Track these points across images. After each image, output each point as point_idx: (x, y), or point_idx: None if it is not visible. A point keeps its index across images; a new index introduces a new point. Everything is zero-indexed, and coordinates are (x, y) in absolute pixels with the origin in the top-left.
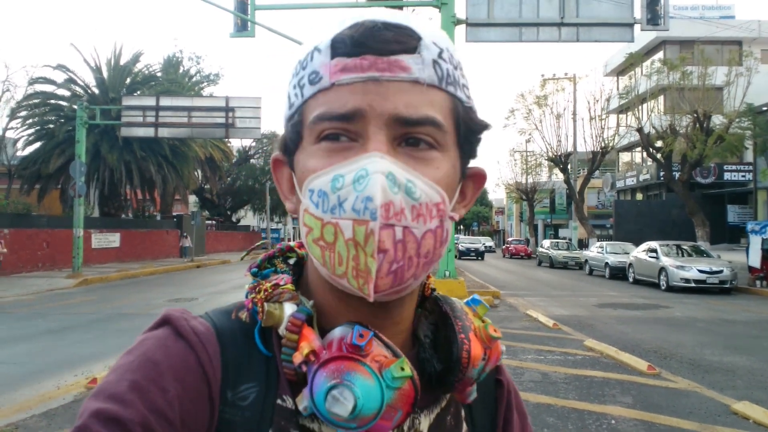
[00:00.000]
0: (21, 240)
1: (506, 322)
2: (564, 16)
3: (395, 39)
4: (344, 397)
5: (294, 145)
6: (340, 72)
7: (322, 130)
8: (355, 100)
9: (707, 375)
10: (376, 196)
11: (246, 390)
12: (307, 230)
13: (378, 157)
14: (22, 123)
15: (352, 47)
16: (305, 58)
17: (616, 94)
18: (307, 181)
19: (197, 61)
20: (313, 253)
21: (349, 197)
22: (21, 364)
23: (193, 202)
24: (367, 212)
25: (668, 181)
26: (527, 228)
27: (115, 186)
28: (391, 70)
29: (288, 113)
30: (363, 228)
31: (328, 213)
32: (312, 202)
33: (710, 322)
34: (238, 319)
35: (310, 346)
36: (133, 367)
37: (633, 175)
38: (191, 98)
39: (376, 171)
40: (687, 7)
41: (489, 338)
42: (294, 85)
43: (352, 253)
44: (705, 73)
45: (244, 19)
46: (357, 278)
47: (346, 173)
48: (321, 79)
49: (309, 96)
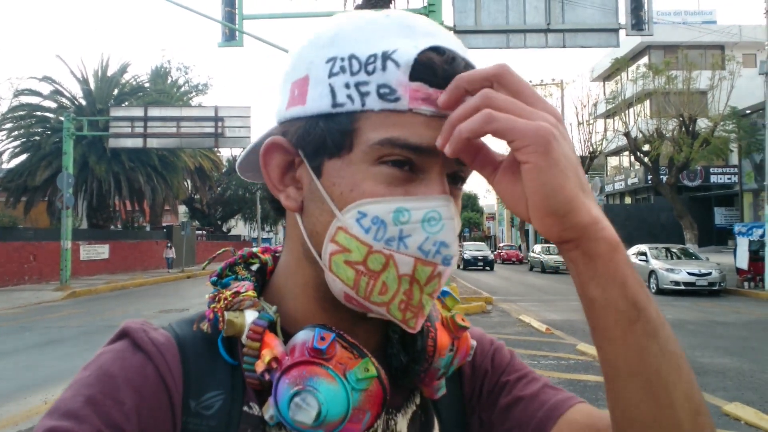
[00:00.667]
0: (7, 253)
1: (499, 327)
2: (550, 22)
3: None
4: (307, 404)
5: (335, 149)
6: (422, 101)
7: (389, 153)
8: (430, 134)
9: (698, 377)
10: (453, 245)
11: (210, 399)
12: (338, 249)
13: (446, 200)
14: (8, 135)
15: (439, 78)
16: (370, 60)
17: (603, 99)
18: (359, 203)
19: (185, 71)
20: (342, 273)
21: (414, 235)
22: (7, 378)
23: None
24: (439, 256)
25: (656, 184)
26: (518, 233)
27: (104, 197)
28: None
29: (329, 110)
30: (429, 269)
31: (382, 243)
32: (359, 224)
33: (700, 324)
34: (200, 330)
35: (272, 353)
36: (89, 382)
37: (621, 179)
38: (180, 108)
39: (450, 217)
40: (670, 12)
41: (456, 327)
42: (347, 84)
43: (404, 288)
44: (689, 77)
45: (231, 29)
46: (404, 311)
47: (411, 209)
48: (397, 99)
49: (376, 109)
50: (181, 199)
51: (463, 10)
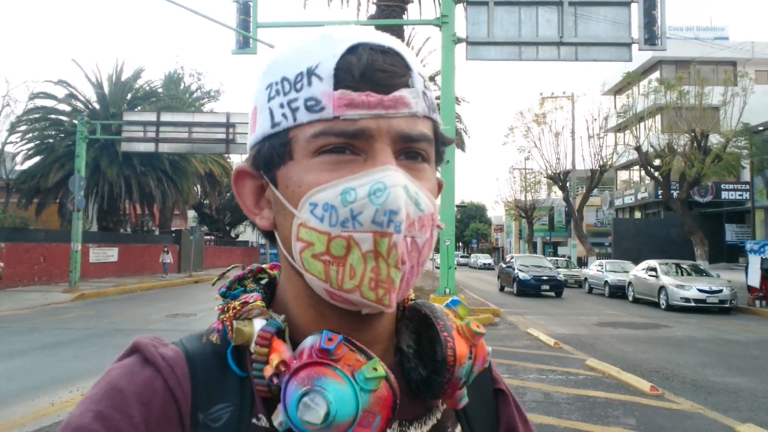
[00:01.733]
0: (18, 254)
1: (507, 340)
2: (563, 35)
3: (394, 72)
4: (316, 403)
5: (280, 160)
6: (346, 107)
7: (324, 144)
8: (362, 123)
9: (710, 396)
10: (401, 209)
11: (219, 411)
12: (303, 245)
13: (393, 170)
14: (22, 137)
15: (358, 81)
16: (297, 79)
17: (613, 113)
18: (307, 195)
19: (198, 77)
20: (312, 268)
21: (365, 210)
22: (15, 379)
23: (192, 217)
24: (392, 225)
25: (666, 199)
26: (526, 245)
27: (114, 200)
28: (396, 107)
29: (270, 131)
30: (386, 240)
31: (338, 227)
32: (314, 215)
33: (711, 342)
34: (209, 342)
35: (281, 357)
36: (98, 398)
37: (631, 194)
38: (192, 114)
39: (395, 184)
40: (682, 28)
41: (473, 334)
42: (281, 104)
43: (370, 265)
44: (701, 93)
45: (246, 37)
46: (376, 289)
47: (357, 186)
48: (323, 109)
49: (305, 122)
50: (191, 204)
51: (476, 21)
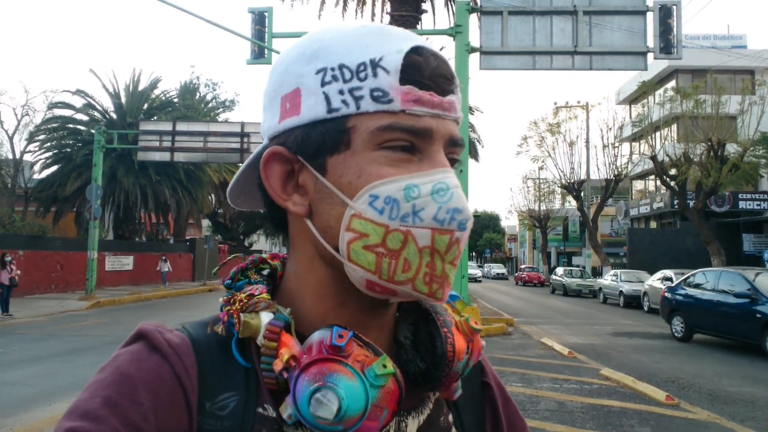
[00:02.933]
0: (35, 261)
1: (520, 350)
2: (577, 44)
3: (450, 78)
4: (328, 399)
5: (334, 147)
6: (413, 102)
7: (390, 138)
8: (425, 123)
9: (727, 406)
10: (466, 209)
11: (225, 399)
12: (355, 236)
13: (452, 173)
14: (40, 146)
15: (426, 79)
16: (360, 68)
17: (629, 122)
18: (369, 187)
19: (213, 87)
20: (360, 259)
21: (427, 207)
22: (32, 385)
23: (207, 226)
24: (454, 223)
25: (683, 209)
26: (540, 255)
27: (130, 209)
28: (449, 110)
29: (325, 116)
30: (447, 237)
31: (397, 220)
32: (373, 207)
33: (727, 352)
34: (213, 332)
35: (290, 351)
36: (106, 383)
37: (647, 203)
38: (207, 123)
39: (456, 186)
40: (699, 36)
41: (471, 331)
42: (341, 90)
43: (426, 260)
44: (718, 102)
45: (261, 47)
46: (430, 284)
47: (421, 184)
48: (390, 101)
49: (370, 111)
50: (205, 213)
51: (489, 31)
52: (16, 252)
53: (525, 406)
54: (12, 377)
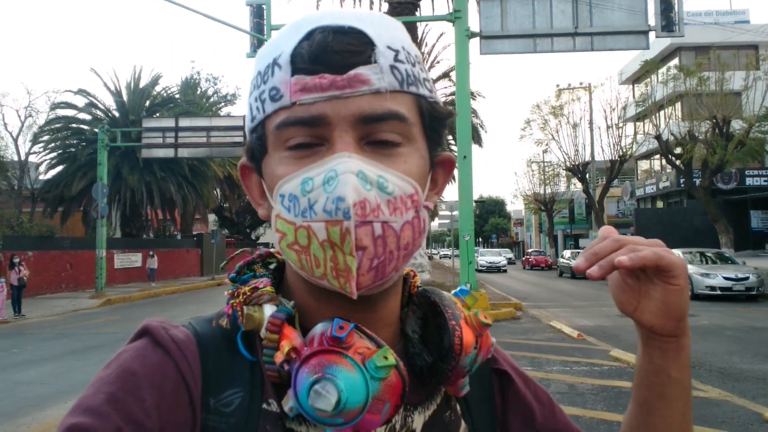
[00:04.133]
0: (45, 262)
1: (530, 333)
2: (578, 25)
3: (350, 50)
4: (327, 391)
5: (260, 154)
6: (301, 92)
7: (288, 137)
8: (318, 109)
9: (738, 383)
10: (348, 196)
11: (229, 396)
12: (280, 236)
13: (346, 157)
14: (45, 147)
15: (309, 64)
16: (265, 71)
17: (632, 102)
18: (277, 187)
19: (214, 81)
20: (289, 257)
21: (319, 199)
22: (47, 383)
23: (213, 220)
24: (340, 212)
25: (689, 187)
26: (547, 239)
27: (137, 207)
28: (352, 86)
29: (250, 125)
30: (337, 228)
31: (300, 217)
32: (283, 206)
33: (738, 330)
34: (218, 326)
35: (291, 343)
36: (110, 380)
37: (652, 183)
38: (209, 118)
39: (346, 171)
40: (701, 13)
41: (480, 325)
42: (255, 98)
43: (329, 254)
44: (722, 78)
45: (260, 39)
46: (337, 278)
47: (314, 176)
48: (282, 97)
49: (270, 112)
50: (211, 207)
51: (489, 15)
52: (25, 253)
53: None
54: (26, 376)
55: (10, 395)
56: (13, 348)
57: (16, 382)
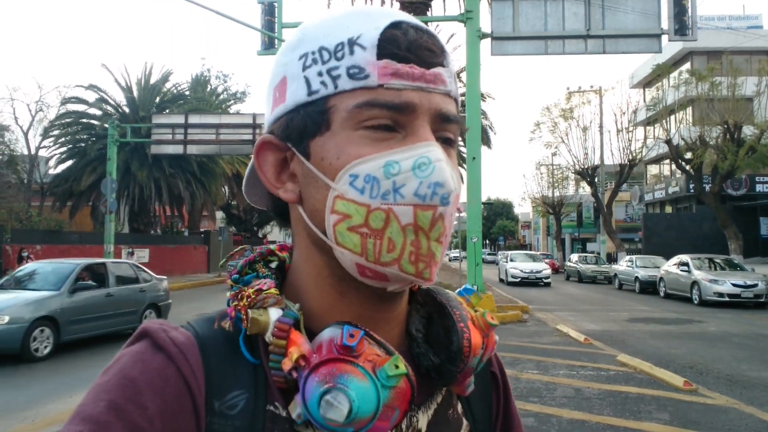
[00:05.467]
0: (53, 256)
1: (536, 337)
2: (590, 28)
3: (435, 50)
4: (338, 402)
5: (315, 130)
6: (391, 76)
7: (369, 117)
8: (405, 96)
9: (745, 391)
10: (448, 182)
11: (234, 398)
12: (339, 218)
13: (435, 146)
14: (55, 141)
15: (403, 52)
16: (338, 48)
17: (643, 106)
18: (349, 166)
19: (224, 79)
20: (347, 241)
21: (408, 183)
22: (53, 376)
23: (221, 218)
24: (437, 197)
25: (699, 193)
26: (554, 242)
27: (145, 202)
28: (435, 82)
29: (306, 99)
30: (429, 213)
31: (378, 199)
32: (354, 187)
33: (746, 337)
34: (221, 328)
35: (300, 350)
36: (110, 387)
37: (662, 188)
38: (219, 116)
39: (439, 159)
40: (714, 17)
41: (487, 326)
42: (320, 72)
43: (410, 239)
44: (734, 84)
45: (271, 37)
46: (416, 263)
47: (401, 159)
48: (367, 77)
49: (347, 89)
50: (219, 205)
51: (500, 16)
52: (33, 247)
53: (541, 393)
54: (34, 369)
55: (15, 388)
56: None
57: (21, 374)
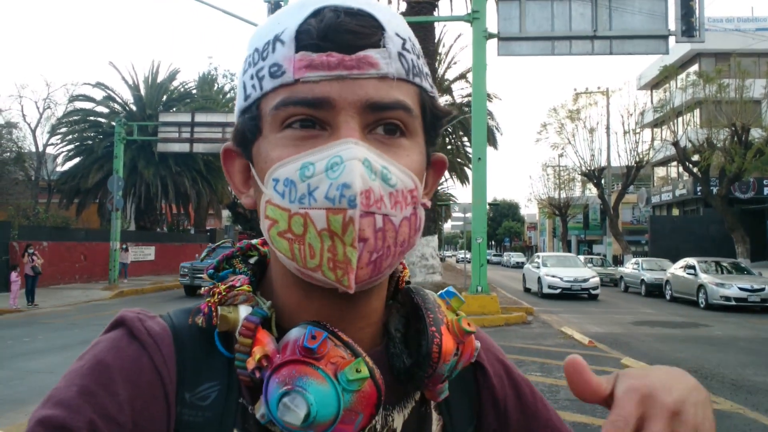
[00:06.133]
0: (59, 252)
1: (540, 339)
2: (597, 29)
3: (361, 32)
4: (295, 405)
5: (252, 136)
6: (306, 68)
7: (288, 116)
8: (323, 89)
9: (750, 396)
10: (355, 183)
11: (206, 390)
12: (270, 223)
13: (352, 143)
14: (62, 139)
15: (317, 41)
16: (264, 47)
17: (650, 108)
18: (270, 171)
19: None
20: (279, 246)
21: (320, 185)
22: (57, 373)
23: (226, 216)
24: (344, 200)
25: (706, 195)
26: (560, 244)
27: (151, 200)
28: (360, 67)
29: (243, 105)
30: (340, 217)
31: (296, 203)
32: (276, 192)
33: (752, 342)
34: (195, 323)
35: (263, 350)
36: (83, 372)
37: (669, 190)
38: (225, 114)
39: (352, 157)
40: (722, 19)
41: (462, 332)
42: (252, 76)
43: (327, 244)
44: (742, 86)
45: None
46: (334, 270)
47: (316, 161)
48: (284, 73)
49: (269, 89)
50: (225, 203)
51: (507, 17)
52: (40, 243)
53: (544, 395)
54: (37, 366)
55: (20, 383)
56: (25, 337)
57: (26, 370)
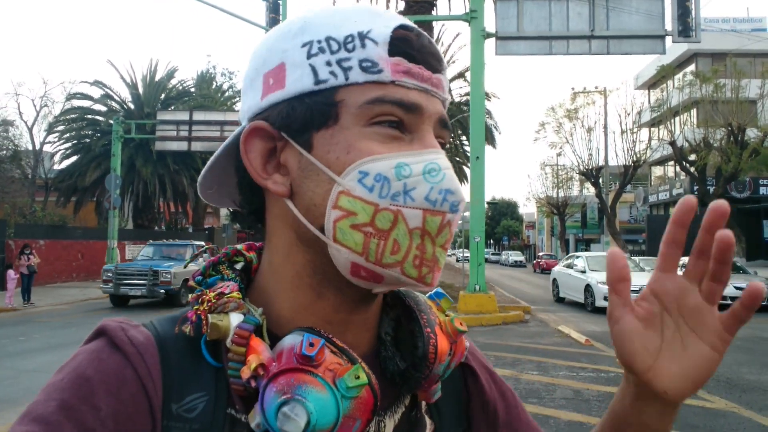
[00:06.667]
0: (57, 251)
1: (537, 337)
2: (594, 28)
3: (440, 57)
4: (296, 414)
5: (322, 121)
6: (403, 74)
7: (380, 113)
8: (415, 96)
9: (744, 395)
10: (459, 191)
11: (193, 401)
12: (342, 214)
13: (443, 154)
14: (60, 137)
15: (415, 52)
16: (349, 40)
17: (647, 108)
18: (359, 163)
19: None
20: (347, 239)
21: (418, 187)
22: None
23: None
24: (447, 204)
25: (702, 195)
26: (558, 242)
27: (149, 199)
28: (438, 87)
29: (312, 88)
30: (438, 219)
31: (388, 199)
32: (362, 184)
33: (747, 340)
34: (182, 332)
35: (259, 359)
36: (63, 386)
37: (666, 190)
38: (224, 113)
39: (448, 167)
40: (718, 19)
41: (455, 332)
42: (329, 62)
43: (416, 242)
44: (738, 86)
45: None
46: (420, 267)
47: (412, 163)
48: (380, 72)
49: (359, 82)
50: None
51: (505, 16)
52: (37, 242)
53: (541, 394)
54: (33, 365)
55: (15, 382)
56: (21, 336)
57: (21, 369)
